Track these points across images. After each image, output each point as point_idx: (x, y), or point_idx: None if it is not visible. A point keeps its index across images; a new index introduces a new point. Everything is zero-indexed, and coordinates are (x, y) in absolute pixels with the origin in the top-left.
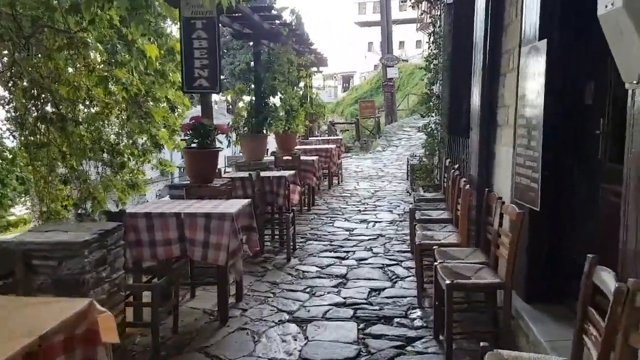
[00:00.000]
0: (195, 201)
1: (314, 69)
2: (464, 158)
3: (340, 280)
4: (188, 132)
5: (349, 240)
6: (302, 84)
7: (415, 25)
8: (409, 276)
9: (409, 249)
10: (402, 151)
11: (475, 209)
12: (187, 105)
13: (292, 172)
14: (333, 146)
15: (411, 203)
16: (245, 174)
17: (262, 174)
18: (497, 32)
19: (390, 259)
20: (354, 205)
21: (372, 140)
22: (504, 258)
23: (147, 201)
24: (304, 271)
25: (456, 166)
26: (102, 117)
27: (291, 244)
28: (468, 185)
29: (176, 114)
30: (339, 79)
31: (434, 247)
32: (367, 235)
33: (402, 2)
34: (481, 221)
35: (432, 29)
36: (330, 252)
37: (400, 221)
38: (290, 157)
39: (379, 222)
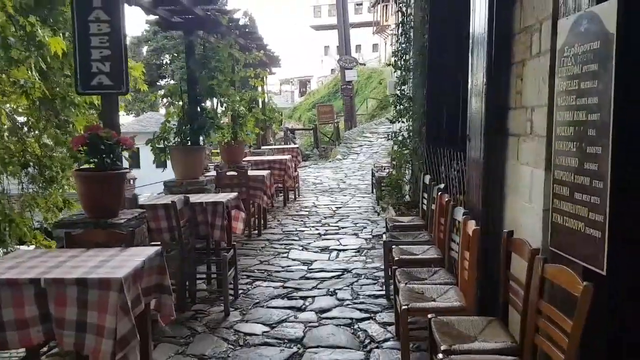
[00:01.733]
0: (79, 252)
1: (266, 69)
2: (452, 177)
3: (295, 350)
4: (80, 148)
5: (307, 279)
6: (252, 86)
7: (372, 29)
8: (388, 339)
9: (383, 291)
10: (363, 159)
11: (477, 252)
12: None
13: (233, 195)
14: (288, 157)
15: (382, 230)
16: (171, 199)
17: (195, 198)
18: (506, 4)
19: (360, 310)
20: (313, 226)
21: (331, 148)
22: (559, 354)
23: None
24: (245, 334)
25: (441, 186)
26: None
27: (231, 291)
28: (474, 223)
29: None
30: (296, 83)
31: (429, 315)
32: (330, 272)
33: (357, 4)
34: (493, 274)
35: (401, 18)
36: (283, 298)
37: (369, 249)
38: (235, 173)
39: (344, 250)
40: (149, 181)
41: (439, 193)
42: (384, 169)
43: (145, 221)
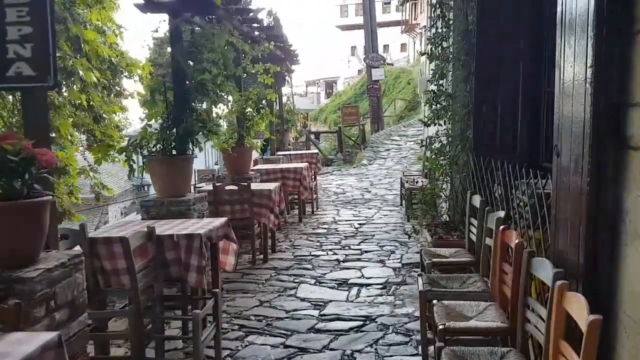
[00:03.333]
0: None
1: (282, 67)
2: (518, 204)
3: None
4: None
5: (316, 332)
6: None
7: (400, 28)
8: None
9: (419, 355)
10: (391, 164)
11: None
12: (119, 111)
13: (220, 222)
14: (304, 165)
15: (414, 256)
16: (138, 228)
17: (164, 228)
18: None
19: None
20: (330, 250)
21: (356, 152)
22: None
23: None
24: None
25: (501, 215)
26: None
27: (211, 352)
28: (585, 303)
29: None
30: (322, 84)
31: None
32: (347, 320)
33: (385, 3)
34: None
35: None
36: None
37: (398, 284)
38: (235, 187)
39: (366, 285)
40: None
41: (501, 227)
42: (415, 181)
43: (79, 268)
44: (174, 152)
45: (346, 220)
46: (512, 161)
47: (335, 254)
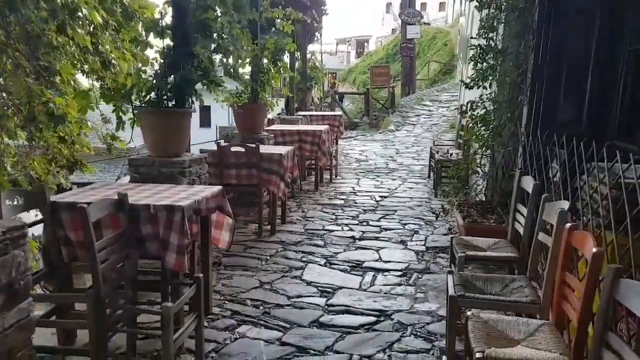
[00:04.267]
0: None
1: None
2: (590, 194)
3: None
4: None
5: (321, 326)
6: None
7: None
8: None
9: None
10: (420, 132)
11: None
12: (131, 58)
13: (213, 190)
14: (325, 127)
15: (440, 238)
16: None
17: (142, 195)
18: None
19: None
20: (346, 225)
21: (383, 116)
22: None
23: None
24: None
25: (565, 206)
26: None
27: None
28: None
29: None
30: (353, 43)
31: None
32: (359, 314)
33: None
34: None
35: None
36: None
37: (420, 271)
38: (243, 149)
39: (384, 270)
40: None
41: (567, 225)
42: (448, 152)
43: (18, 243)
44: (170, 104)
45: (367, 192)
46: (575, 137)
47: (352, 229)
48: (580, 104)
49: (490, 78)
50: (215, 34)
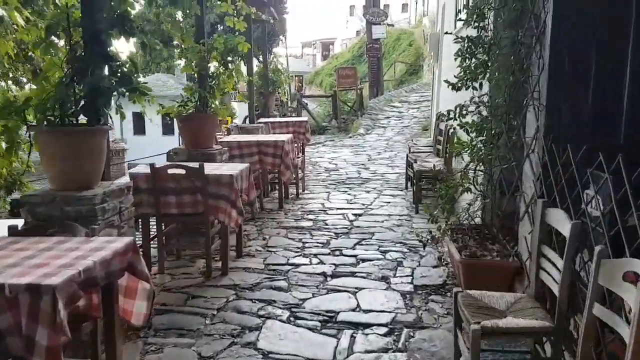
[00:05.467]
0: None
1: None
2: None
3: None
4: None
5: None
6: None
7: None
8: None
9: None
10: (391, 135)
11: None
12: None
13: (119, 245)
14: (286, 137)
15: (429, 270)
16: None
17: (7, 261)
18: None
19: None
20: (315, 255)
21: (352, 119)
22: None
23: None
24: None
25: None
26: None
27: None
28: None
29: None
30: (318, 46)
31: None
32: None
33: None
34: None
35: None
36: None
37: (411, 326)
38: (184, 171)
39: (364, 327)
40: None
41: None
42: (435, 167)
43: None
44: (77, 121)
45: (338, 209)
46: (610, 151)
47: (322, 262)
48: (618, 109)
49: (481, 77)
50: (137, 30)
